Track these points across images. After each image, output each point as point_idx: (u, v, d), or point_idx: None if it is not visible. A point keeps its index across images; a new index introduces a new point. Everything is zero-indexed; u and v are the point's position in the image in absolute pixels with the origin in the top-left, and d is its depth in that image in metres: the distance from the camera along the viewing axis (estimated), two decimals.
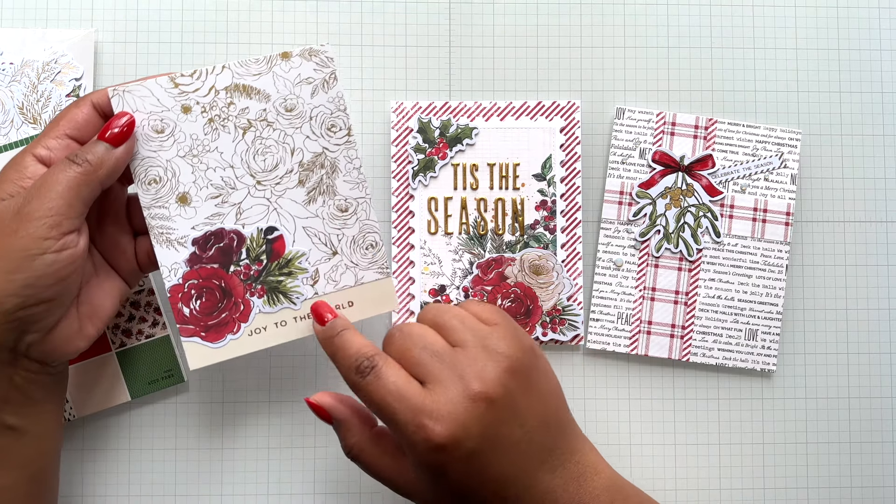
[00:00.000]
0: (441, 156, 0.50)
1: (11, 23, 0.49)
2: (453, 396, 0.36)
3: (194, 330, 0.42)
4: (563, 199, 0.50)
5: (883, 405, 0.51)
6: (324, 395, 0.41)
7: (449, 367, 0.37)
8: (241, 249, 0.42)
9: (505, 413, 0.37)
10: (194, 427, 0.49)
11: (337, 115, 0.43)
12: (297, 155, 0.42)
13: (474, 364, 0.37)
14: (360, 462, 0.40)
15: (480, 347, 0.38)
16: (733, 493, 0.50)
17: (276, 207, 0.42)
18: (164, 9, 0.50)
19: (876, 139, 0.52)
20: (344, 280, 0.43)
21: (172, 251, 0.42)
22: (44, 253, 0.36)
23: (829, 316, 0.51)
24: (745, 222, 0.50)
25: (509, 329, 0.39)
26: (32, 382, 0.39)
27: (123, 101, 0.40)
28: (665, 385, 0.50)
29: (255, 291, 0.42)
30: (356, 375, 0.38)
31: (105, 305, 0.41)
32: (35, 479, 0.40)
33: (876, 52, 0.52)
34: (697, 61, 0.51)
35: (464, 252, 0.50)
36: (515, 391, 0.37)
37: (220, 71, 0.41)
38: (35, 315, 0.37)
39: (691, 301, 0.50)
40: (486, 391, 0.36)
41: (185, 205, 0.42)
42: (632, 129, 0.50)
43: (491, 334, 0.38)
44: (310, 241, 0.43)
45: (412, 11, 0.51)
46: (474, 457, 0.36)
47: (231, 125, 0.42)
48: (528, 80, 0.51)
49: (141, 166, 0.41)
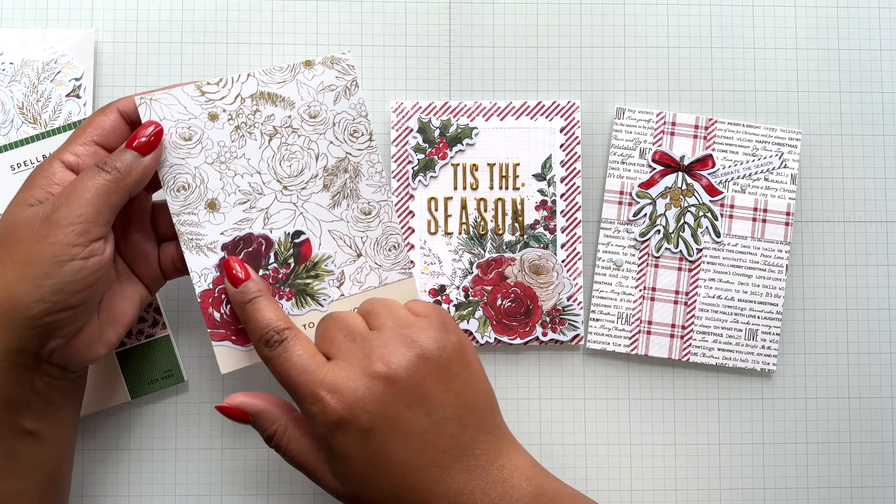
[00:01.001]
0: (441, 156, 0.50)
1: (11, 23, 0.49)
2: (354, 373, 0.37)
3: (225, 334, 0.42)
4: (563, 199, 0.50)
5: (883, 405, 0.51)
6: (234, 396, 0.41)
7: (358, 347, 0.38)
8: (270, 253, 0.43)
9: (408, 396, 0.37)
10: (194, 427, 0.49)
11: (359, 120, 0.43)
12: (321, 160, 0.43)
13: (384, 346, 0.37)
14: (280, 450, 0.40)
15: (397, 333, 0.38)
16: (733, 493, 0.50)
17: (303, 212, 0.43)
18: (164, 9, 0.50)
19: (876, 139, 0.52)
20: (368, 281, 0.44)
21: (202, 257, 0.42)
22: (72, 259, 0.36)
23: (829, 316, 0.51)
24: (745, 222, 0.50)
25: (435, 322, 0.39)
26: (53, 388, 0.39)
27: (151, 109, 0.41)
28: (665, 385, 0.50)
29: (283, 294, 0.43)
30: (265, 347, 0.39)
31: (126, 312, 0.42)
32: (49, 485, 0.40)
33: (876, 52, 0.52)
34: (697, 61, 0.51)
35: (464, 252, 0.50)
36: (425, 378, 0.37)
37: (245, 79, 0.42)
38: (61, 321, 0.37)
39: (691, 301, 0.50)
40: (388, 371, 0.36)
41: (214, 211, 0.42)
42: (632, 129, 0.50)
43: (413, 324, 0.38)
44: (335, 244, 0.43)
45: (412, 11, 0.51)
46: (371, 435, 0.36)
47: (257, 132, 0.42)
48: (528, 80, 0.51)
49: (169, 174, 0.41)
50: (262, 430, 0.40)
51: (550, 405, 0.50)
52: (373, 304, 0.41)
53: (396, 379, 0.36)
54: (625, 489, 0.49)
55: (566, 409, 0.50)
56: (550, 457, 0.49)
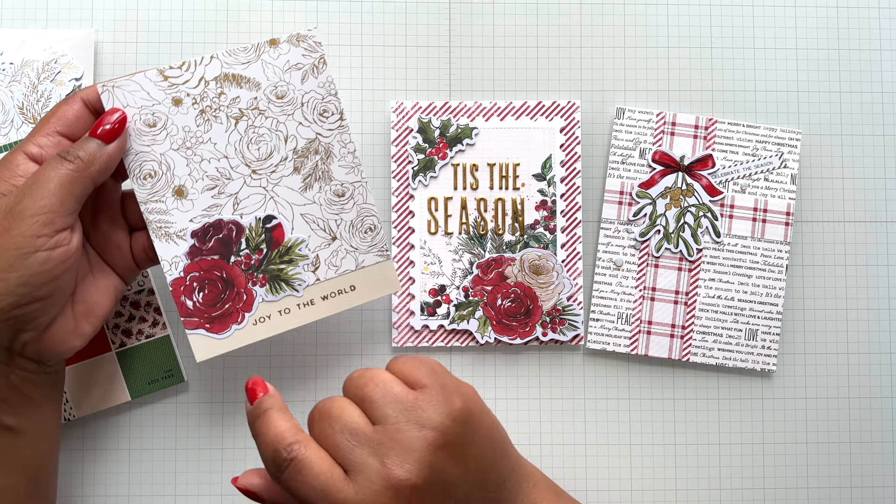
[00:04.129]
0: (441, 156, 0.50)
1: (11, 23, 0.49)
2: (377, 488, 0.33)
3: (199, 322, 0.42)
4: (563, 199, 0.50)
5: (883, 405, 0.51)
6: (252, 475, 0.38)
7: (369, 452, 0.34)
8: (241, 239, 0.42)
9: (435, 492, 0.34)
10: (194, 427, 0.49)
11: (328, 99, 0.42)
12: (290, 142, 0.42)
13: (395, 445, 0.34)
14: None
15: (403, 422, 0.34)
16: (733, 493, 0.50)
17: (273, 196, 0.42)
18: (164, 9, 0.50)
19: (876, 139, 0.51)
20: (345, 265, 0.43)
21: (172, 245, 0.41)
22: (37, 251, 0.36)
23: (829, 316, 0.51)
24: (745, 222, 0.50)
25: (435, 392, 0.36)
26: (29, 382, 0.39)
27: (113, 96, 0.40)
28: (665, 385, 0.50)
29: (256, 281, 0.42)
30: (275, 470, 0.34)
31: (101, 303, 0.41)
32: (34, 480, 0.40)
33: (876, 52, 0.52)
34: (697, 61, 0.51)
35: (464, 252, 0.50)
36: (445, 467, 0.35)
37: (208, 61, 0.41)
38: (30, 313, 0.37)
39: (691, 301, 0.50)
40: (410, 477, 0.34)
41: (182, 198, 0.41)
42: (632, 129, 0.50)
43: (416, 404, 0.35)
44: (308, 228, 0.43)
45: (412, 11, 0.51)
46: None
47: (223, 115, 0.41)
48: (528, 80, 0.51)
49: (135, 161, 0.41)
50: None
51: (550, 405, 0.50)
52: (361, 386, 0.36)
53: (418, 484, 0.34)
54: (625, 489, 0.49)
55: (566, 409, 0.50)
56: (550, 457, 0.49)
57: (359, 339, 0.50)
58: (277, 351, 0.49)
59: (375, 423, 0.35)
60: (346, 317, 0.50)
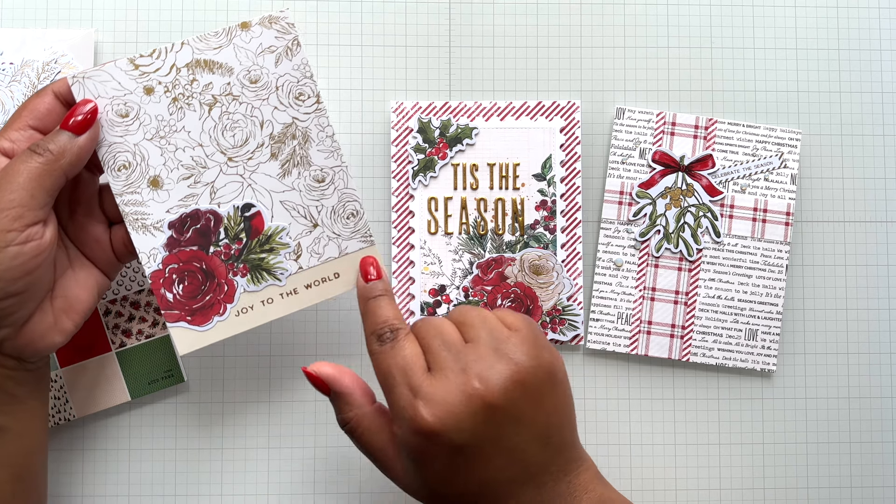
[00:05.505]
0: (441, 156, 0.50)
1: (11, 23, 0.49)
2: (451, 388, 0.36)
3: (180, 315, 0.41)
4: (563, 199, 0.50)
5: (883, 405, 0.51)
6: (322, 364, 0.40)
7: (454, 359, 0.37)
8: (219, 229, 0.42)
9: (501, 418, 0.36)
10: (194, 427, 0.49)
11: (304, 82, 0.42)
12: (266, 127, 0.41)
13: (480, 361, 0.36)
14: (354, 436, 0.40)
15: (492, 348, 0.37)
16: (733, 493, 0.50)
17: (251, 183, 0.42)
18: (164, 9, 0.50)
19: (876, 139, 0.52)
20: (328, 252, 0.43)
21: (149, 237, 0.41)
22: (7, 245, 0.36)
23: (829, 316, 0.51)
24: (745, 222, 0.50)
25: (529, 337, 0.38)
26: (10, 379, 0.39)
27: (84, 87, 0.39)
28: (665, 385, 0.50)
29: (237, 271, 0.42)
30: (376, 341, 0.39)
31: (82, 299, 0.41)
32: (20, 479, 0.40)
33: (876, 52, 0.52)
34: (697, 61, 0.51)
35: (464, 252, 0.50)
36: (520, 400, 0.36)
37: (179, 48, 0.40)
38: (4, 309, 0.36)
39: (691, 301, 0.50)
40: (485, 394, 0.36)
41: (158, 188, 0.41)
42: (632, 129, 0.50)
43: (508, 339, 0.37)
44: (289, 215, 0.42)
45: (412, 11, 0.51)
46: (460, 453, 0.36)
47: (196, 102, 0.41)
48: (528, 80, 0.51)
49: (109, 153, 0.40)
50: (340, 412, 0.40)
51: None
52: (464, 313, 0.39)
53: (492, 401, 0.36)
54: (625, 489, 0.49)
55: None
56: None
57: (359, 340, 0.50)
58: (277, 351, 0.49)
59: (468, 342, 0.38)
60: (346, 317, 0.50)
